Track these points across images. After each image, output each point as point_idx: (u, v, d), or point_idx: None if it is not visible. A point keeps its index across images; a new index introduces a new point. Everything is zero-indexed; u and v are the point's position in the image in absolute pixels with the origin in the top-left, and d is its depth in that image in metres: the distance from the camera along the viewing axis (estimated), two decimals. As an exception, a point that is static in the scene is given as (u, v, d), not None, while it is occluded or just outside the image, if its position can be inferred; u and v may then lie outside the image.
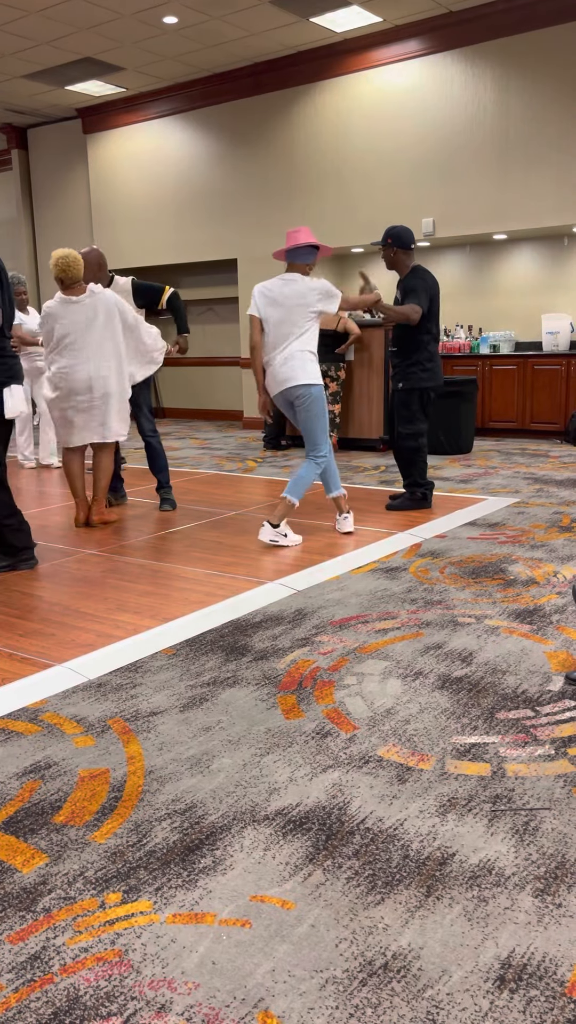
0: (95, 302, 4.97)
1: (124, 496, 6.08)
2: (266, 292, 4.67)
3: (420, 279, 5.33)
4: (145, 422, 5.70)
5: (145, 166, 11.48)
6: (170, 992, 1.54)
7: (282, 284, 4.65)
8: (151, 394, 5.80)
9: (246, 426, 11.21)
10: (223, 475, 7.24)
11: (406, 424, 5.53)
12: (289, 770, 2.31)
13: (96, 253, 5.48)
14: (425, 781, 2.23)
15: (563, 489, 6.17)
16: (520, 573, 4.07)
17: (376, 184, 9.56)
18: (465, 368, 9.27)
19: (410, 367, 5.42)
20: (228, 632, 3.39)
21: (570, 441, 3.50)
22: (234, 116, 10.49)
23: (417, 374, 5.41)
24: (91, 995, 1.54)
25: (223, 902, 1.78)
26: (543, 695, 2.74)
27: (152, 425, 5.74)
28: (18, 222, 13.12)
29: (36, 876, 1.89)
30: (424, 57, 8.97)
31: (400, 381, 5.47)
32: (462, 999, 1.51)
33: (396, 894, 1.79)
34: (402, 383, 5.46)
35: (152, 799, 2.19)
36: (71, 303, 4.96)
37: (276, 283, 4.68)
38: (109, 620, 3.52)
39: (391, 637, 3.29)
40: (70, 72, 10.19)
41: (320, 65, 9.64)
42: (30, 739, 2.54)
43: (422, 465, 5.54)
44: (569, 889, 1.79)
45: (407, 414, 5.51)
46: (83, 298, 4.96)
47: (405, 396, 5.49)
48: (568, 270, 9.21)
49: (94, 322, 4.95)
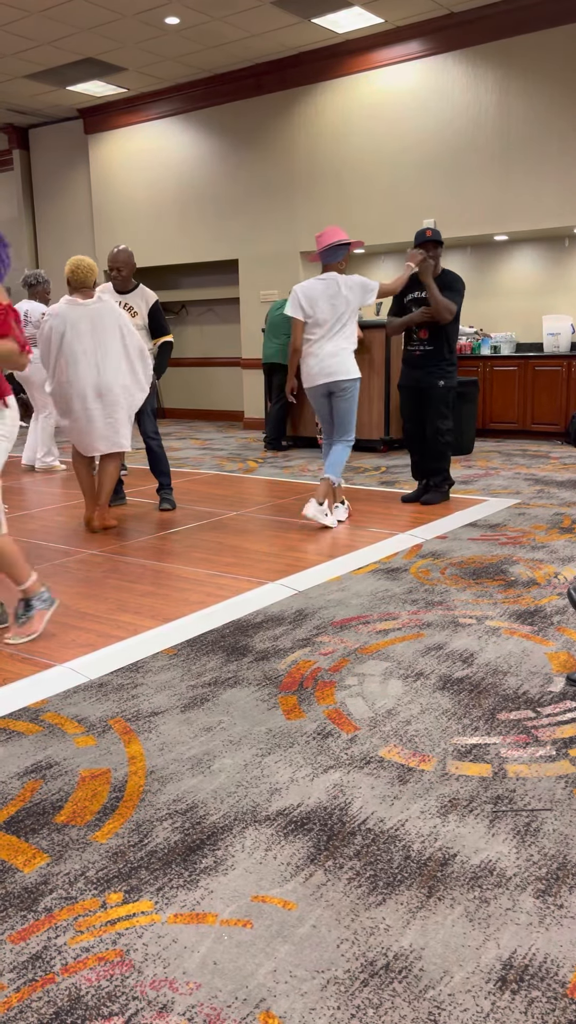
0: (102, 308, 4.93)
1: (123, 498, 6.07)
2: (306, 292, 4.99)
3: (458, 279, 5.56)
4: (148, 424, 5.67)
5: (146, 167, 11.49)
6: (172, 992, 1.54)
7: (320, 284, 5.00)
8: (155, 396, 5.78)
9: (247, 426, 11.21)
10: (224, 475, 7.24)
11: (444, 420, 5.67)
12: (290, 770, 2.31)
13: (130, 252, 5.58)
14: (426, 782, 2.23)
15: (564, 490, 6.17)
16: (521, 574, 4.07)
17: (377, 185, 9.56)
18: (466, 369, 9.27)
19: (449, 365, 5.62)
20: (229, 632, 3.39)
21: (571, 442, 3.50)
22: (235, 117, 10.50)
23: (454, 372, 5.66)
24: (92, 995, 1.54)
25: (224, 902, 1.78)
26: (544, 696, 2.74)
27: (155, 428, 5.71)
28: (19, 222, 13.12)
29: (37, 876, 1.89)
30: (425, 58, 8.97)
31: (441, 379, 5.57)
32: (463, 1000, 1.51)
33: (397, 895, 1.79)
34: (443, 381, 5.58)
35: (153, 799, 2.19)
36: (78, 305, 4.91)
37: (314, 283, 5.02)
38: (110, 620, 3.52)
39: (392, 638, 3.29)
40: (71, 72, 10.19)
41: (321, 66, 9.65)
42: (31, 739, 2.54)
43: (450, 459, 5.83)
44: (570, 890, 1.79)
45: (446, 411, 5.66)
46: (91, 303, 4.92)
47: (444, 393, 5.61)
48: (569, 271, 9.21)
49: (101, 328, 4.90)
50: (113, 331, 4.95)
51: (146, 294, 5.60)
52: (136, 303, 5.57)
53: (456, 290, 5.49)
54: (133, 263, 5.58)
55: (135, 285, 5.61)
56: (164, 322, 5.66)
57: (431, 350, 5.57)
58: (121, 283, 5.57)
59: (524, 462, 7.58)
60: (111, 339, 4.94)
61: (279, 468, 7.64)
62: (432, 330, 5.56)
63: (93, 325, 4.90)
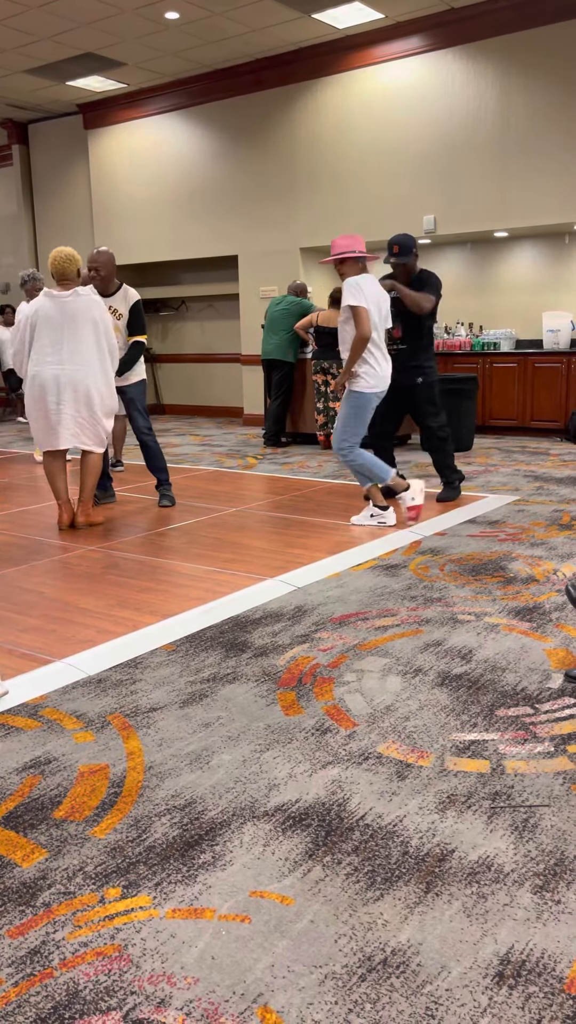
0: (78, 303, 4.87)
1: (112, 495, 5.96)
2: (368, 289, 4.84)
3: (433, 276, 5.49)
4: (140, 420, 5.62)
5: (146, 162, 11.46)
6: (169, 987, 1.54)
7: (374, 283, 4.93)
8: (146, 392, 5.74)
9: (246, 423, 11.20)
10: (223, 472, 7.24)
11: (435, 418, 5.61)
12: (289, 766, 2.31)
13: (111, 254, 5.56)
14: (424, 778, 2.23)
15: (563, 487, 6.17)
16: (520, 571, 4.07)
17: (377, 181, 9.55)
18: (465, 366, 9.26)
19: (426, 361, 5.53)
20: (228, 628, 3.40)
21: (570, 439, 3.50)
22: (235, 112, 10.48)
23: (432, 367, 5.57)
24: (91, 989, 1.54)
25: (222, 897, 1.78)
26: (542, 692, 2.74)
27: (147, 423, 5.65)
28: (19, 217, 13.11)
29: (36, 871, 1.89)
30: (426, 54, 8.95)
31: (419, 376, 5.48)
32: (461, 995, 1.51)
33: (395, 890, 1.80)
34: (421, 378, 5.49)
35: (152, 794, 2.19)
36: (54, 298, 4.87)
37: (372, 281, 4.92)
38: (109, 616, 3.52)
39: (391, 634, 3.29)
40: (71, 68, 10.17)
41: (322, 61, 9.62)
42: (30, 734, 2.54)
43: (453, 453, 5.79)
44: (568, 886, 1.80)
45: (434, 409, 5.60)
46: (66, 295, 4.86)
47: (428, 391, 5.54)
48: (569, 268, 9.20)
49: (74, 322, 4.84)
50: (86, 325, 4.88)
51: (128, 295, 5.59)
52: (118, 305, 5.57)
53: (432, 285, 5.42)
54: (113, 265, 5.55)
55: (118, 287, 5.59)
56: (142, 322, 5.62)
57: (404, 348, 5.48)
58: (100, 284, 5.53)
59: (523, 459, 7.57)
60: (83, 333, 4.87)
61: (278, 464, 7.64)
62: (406, 329, 5.47)
63: (65, 318, 4.83)
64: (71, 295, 4.87)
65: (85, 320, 4.88)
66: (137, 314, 5.59)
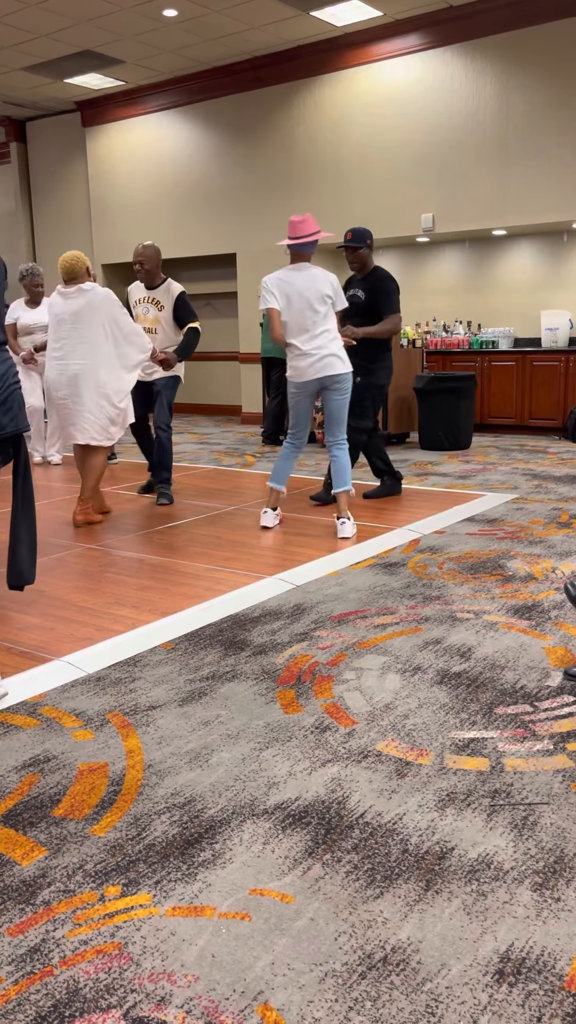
0: (81, 300, 4.97)
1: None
2: (280, 284, 4.67)
3: (390, 280, 5.44)
4: (161, 415, 5.70)
5: (144, 160, 11.45)
6: (170, 985, 1.54)
7: (296, 274, 4.68)
8: (174, 391, 5.79)
9: (244, 421, 11.20)
10: (222, 470, 7.24)
11: (358, 419, 5.47)
12: (288, 764, 2.31)
13: (156, 248, 5.66)
14: (424, 776, 2.24)
15: (561, 485, 6.17)
16: (518, 569, 4.08)
17: (375, 179, 9.54)
18: (464, 364, 9.26)
19: (376, 364, 5.49)
20: (227, 627, 3.40)
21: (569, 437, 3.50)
22: (234, 110, 10.46)
23: (379, 370, 5.52)
24: (91, 987, 1.54)
25: (222, 895, 1.78)
26: (541, 690, 2.74)
27: (166, 419, 5.70)
28: (16, 215, 13.09)
29: (35, 869, 1.89)
30: (424, 52, 8.94)
31: (358, 376, 5.38)
32: (461, 992, 1.51)
33: (395, 888, 1.80)
34: (360, 378, 5.41)
35: (151, 793, 2.19)
36: (62, 294, 5.05)
37: (288, 273, 4.69)
38: (108, 614, 3.52)
39: (390, 632, 3.29)
40: (69, 65, 10.15)
41: (320, 59, 9.62)
42: (29, 733, 2.54)
43: (380, 454, 5.71)
44: (568, 883, 1.80)
45: (360, 410, 5.47)
46: (71, 293, 5.00)
47: (362, 392, 5.46)
48: (567, 266, 9.20)
49: (79, 317, 4.95)
50: (92, 317, 4.95)
51: (171, 288, 5.70)
52: (161, 296, 5.68)
53: (388, 291, 5.36)
54: (158, 259, 5.66)
55: (163, 280, 5.71)
56: (190, 310, 5.73)
57: (355, 346, 5.33)
58: (145, 277, 5.68)
59: (522, 457, 7.58)
60: (91, 331, 4.96)
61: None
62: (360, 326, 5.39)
63: (71, 316, 4.98)
64: (75, 291, 5.00)
65: (90, 313, 4.96)
66: (183, 304, 5.70)
